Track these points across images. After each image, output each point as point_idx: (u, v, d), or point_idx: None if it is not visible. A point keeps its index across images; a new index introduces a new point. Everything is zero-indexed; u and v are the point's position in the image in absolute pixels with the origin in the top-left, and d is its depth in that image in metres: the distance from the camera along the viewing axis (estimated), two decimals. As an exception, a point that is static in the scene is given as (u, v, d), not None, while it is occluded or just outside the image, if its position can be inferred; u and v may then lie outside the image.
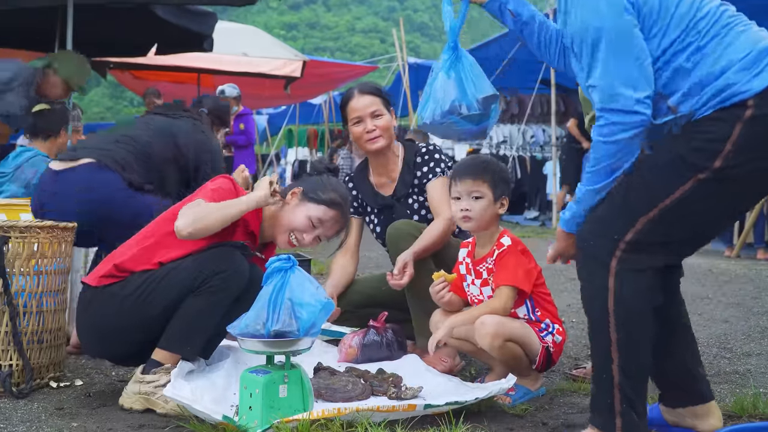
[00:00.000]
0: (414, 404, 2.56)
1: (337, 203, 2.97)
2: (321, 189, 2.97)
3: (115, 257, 2.82)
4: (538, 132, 13.77)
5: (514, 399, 2.78)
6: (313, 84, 12.95)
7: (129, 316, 2.71)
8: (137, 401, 2.70)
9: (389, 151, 3.52)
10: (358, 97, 3.46)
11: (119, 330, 2.73)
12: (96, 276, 2.79)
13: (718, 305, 5.07)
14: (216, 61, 9.64)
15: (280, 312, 2.47)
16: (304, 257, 4.58)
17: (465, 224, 2.96)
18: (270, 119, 21.00)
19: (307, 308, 2.48)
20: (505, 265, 2.88)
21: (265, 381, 2.43)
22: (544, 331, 2.91)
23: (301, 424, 2.40)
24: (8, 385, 2.85)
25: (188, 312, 2.70)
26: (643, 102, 2.15)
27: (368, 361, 3.18)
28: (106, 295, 2.73)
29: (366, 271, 6.75)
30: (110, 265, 2.78)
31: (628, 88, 2.14)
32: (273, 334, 2.47)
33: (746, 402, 2.69)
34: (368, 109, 3.43)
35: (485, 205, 2.91)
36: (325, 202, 2.95)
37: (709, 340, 3.95)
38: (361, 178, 3.64)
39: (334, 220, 2.98)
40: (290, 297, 2.48)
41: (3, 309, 2.93)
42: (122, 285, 2.73)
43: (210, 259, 2.73)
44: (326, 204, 2.95)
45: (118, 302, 2.71)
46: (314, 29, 55.20)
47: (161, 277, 2.72)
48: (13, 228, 2.95)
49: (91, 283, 2.78)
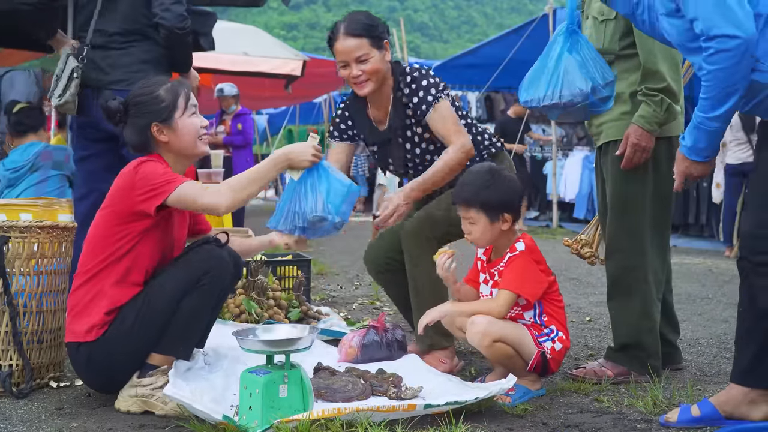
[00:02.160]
0: (414, 404, 2.56)
1: (168, 88, 2.84)
2: (155, 103, 2.80)
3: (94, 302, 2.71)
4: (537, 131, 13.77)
5: (513, 399, 2.78)
6: (313, 84, 12.93)
7: (135, 344, 2.70)
8: (134, 404, 2.69)
9: (383, 87, 3.30)
10: (342, 39, 3.19)
11: (129, 361, 2.73)
12: (86, 330, 2.69)
13: (718, 305, 5.07)
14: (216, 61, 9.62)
15: (315, 200, 2.80)
16: (304, 257, 4.57)
17: (473, 245, 3.00)
18: (270, 119, 20.98)
19: (338, 193, 2.83)
20: (512, 270, 2.87)
21: (265, 381, 2.43)
22: (545, 336, 2.90)
23: (301, 424, 2.40)
24: (8, 385, 2.85)
25: (183, 314, 2.71)
26: (742, 25, 2.26)
27: (368, 361, 3.18)
28: (107, 341, 2.69)
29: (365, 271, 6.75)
30: (99, 314, 2.68)
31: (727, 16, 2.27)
32: (312, 220, 2.80)
33: (746, 402, 2.69)
34: (353, 54, 3.18)
35: (482, 228, 2.90)
36: (174, 107, 2.82)
37: (709, 340, 3.95)
38: (359, 109, 3.43)
39: (188, 94, 2.88)
40: (321, 185, 2.81)
41: (3, 309, 2.93)
42: (118, 324, 2.69)
43: (194, 262, 2.75)
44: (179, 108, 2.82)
45: (122, 339, 2.68)
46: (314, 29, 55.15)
47: (153, 296, 2.70)
48: (13, 228, 2.95)
49: (87, 340, 2.69)
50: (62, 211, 3.56)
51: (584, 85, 2.80)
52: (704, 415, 2.51)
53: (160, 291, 2.71)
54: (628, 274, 3.13)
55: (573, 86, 2.81)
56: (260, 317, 3.82)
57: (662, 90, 3.01)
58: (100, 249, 2.73)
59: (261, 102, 15.52)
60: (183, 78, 3.51)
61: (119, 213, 2.73)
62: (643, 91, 3.03)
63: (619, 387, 3.02)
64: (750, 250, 2.42)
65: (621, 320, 3.18)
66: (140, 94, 2.85)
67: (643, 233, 3.12)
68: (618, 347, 3.17)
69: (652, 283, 3.12)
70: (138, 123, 2.83)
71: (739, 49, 2.28)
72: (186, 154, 2.88)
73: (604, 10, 3.10)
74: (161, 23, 3.40)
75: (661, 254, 3.19)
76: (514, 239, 2.93)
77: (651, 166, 3.10)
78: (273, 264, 4.30)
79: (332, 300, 5.16)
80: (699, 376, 3.23)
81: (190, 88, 2.95)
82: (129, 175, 2.73)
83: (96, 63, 3.47)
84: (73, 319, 2.74)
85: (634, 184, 3.11)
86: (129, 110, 2.84)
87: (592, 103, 2.84)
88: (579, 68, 2.82)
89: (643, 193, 3.11)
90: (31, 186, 4.43)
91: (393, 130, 3.35)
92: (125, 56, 3.48)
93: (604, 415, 2.67)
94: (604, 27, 3.14)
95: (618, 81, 3.09)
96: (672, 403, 2.77)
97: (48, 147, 4.50)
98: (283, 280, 4.30)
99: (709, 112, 2.39)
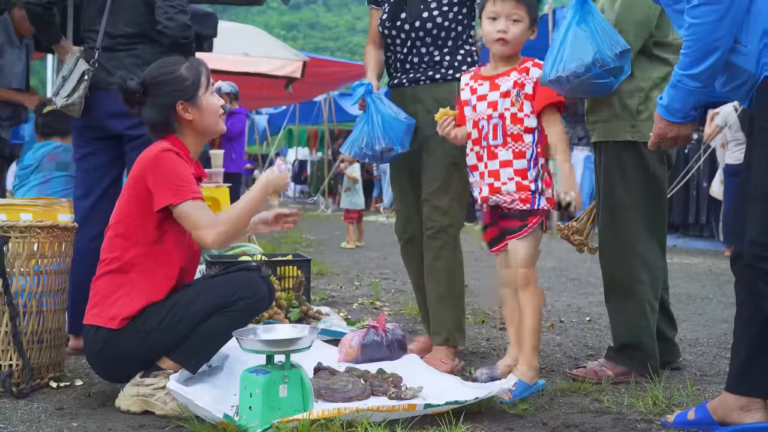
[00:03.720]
0: (414, 404, 2.56)
1: (189, 67, 2.88)
2: (179, 82, 2.83)
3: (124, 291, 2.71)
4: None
5: (514, 395, 2.79)
6: (313, 84, 12.93)
7: (152, 345, 2.70)
8: (134, 403, 2.69)
9: None
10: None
11: (140, 359, 2.73)
12: (111, 317, 2.70)
13: (718, 305, 5.07)
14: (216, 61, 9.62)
15: (381, 134, 3.18)
16: (304, 257, 4.58)
17: (497, 46, 2.91)
18: (270, 119, 20.97)
19: (399, 127, 3.21)
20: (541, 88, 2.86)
21: (265, 381, 2.43)
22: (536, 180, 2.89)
23: (301, 424, 2.40)
24: (8, 385, 2.85)
25: (206, 331, 2.71)
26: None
27: (368, 361, 3.18)
28: (127, 334, 2.68)
29: (366, 271, 6.76)
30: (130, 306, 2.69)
31: None
32: (381, 150, 3.20)
33: (746, 402, 2.69)
34: None
35: (521, 30, 2.89)
36: (198, 85, 2.85)
37: (709, 340, 3.95)
38: None
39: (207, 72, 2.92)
40: (385, 122, 3.19)
41: (3, 309, 2.93)
42: (141, 321, 2.69)
43: (237, 284, 2.77)
44: (202, 86, 2.86)
45: (140, 337, 2.68)
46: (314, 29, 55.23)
47: (183, 306, 2.71)
48: (13, 228, 2.95)
49: (108, 326, 2.69)
50: (62, 211, 3.56)
51: (586, 56, 2.72)
52: (698, 419, 2.49)
53: (190, 303, 2.71)
54: (623, 274, 3.14)
55: (575, 58, 2.74)
56: (260, 317, 3.82)
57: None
58: (123, 236, 2.74)
59: (260, 102, 15.51)
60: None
61: (140, 198, 2.73)
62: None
63: (619, 387, 3.02)
64: (757, 258, 2.32)
65: (619, 320, 3.18)
66: (161, 74, 2.86)
67: (635, 234, 3.12)
68: (618, 347, 3.17)
69: (648, 283, 3.13)
70: (161, 102, 2.83)
71: (723, 3, 2.26)
72: (208, 131, 2.90)
73: (605, 8, 3.10)
74: (165, 32, 3.41)
75: (659, 254, 3.19)
76: (519, 60, 2.95)
77: (641, 172, 3.10)
78: (273, 264, 4.30)
79: (332, 300, 5.16)
80: (699, 376, 3.23)
81: (207, 65, 2.97)
82: (148, 161, 2.74)
83: (102, 64, 3.48)
84: (98, 303, 2.74)
85: (625, 186, 3.11)
86: (149, 90, 2.84)
87: (596, 75, 2.73)
88: (585, 40, 2.74)
89: (634, 194, 3.11)
90: (33, 186, 4.43)
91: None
92: (130, 57, 3.49)
93: (604, 415, 2.67)
94: None
95: None
96: (672, 403, 2.77)
97: (58, 148, 4.49)
98: (283, 280, 4.30)
99: (689, 68, 2.37)
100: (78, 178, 3.72)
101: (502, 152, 2.90)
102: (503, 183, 2.90)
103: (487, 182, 2.93)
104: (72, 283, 3.23)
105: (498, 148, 2.91)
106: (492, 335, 4.03)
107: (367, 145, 3.23)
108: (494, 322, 4.34)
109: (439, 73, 3.31)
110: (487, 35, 2.92)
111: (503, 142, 2.90)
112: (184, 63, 2.89)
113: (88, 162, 3.61)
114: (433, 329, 3.33)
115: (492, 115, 2.92)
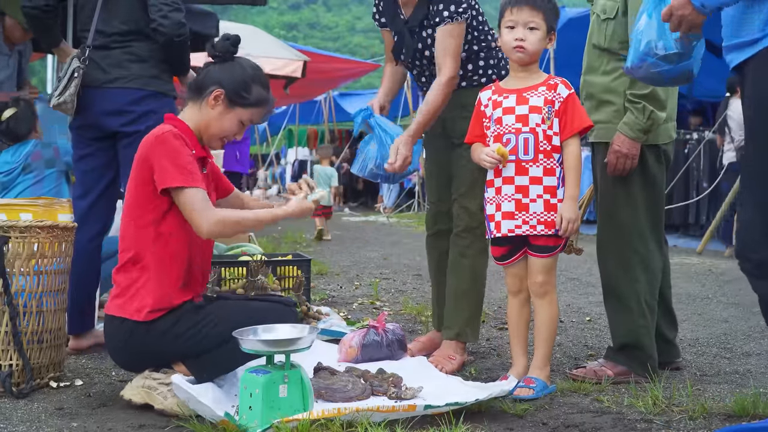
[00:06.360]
0: (414, 404, 2.56)
1: (263, 99, 2.89)
2: (244, 89, 2.84)
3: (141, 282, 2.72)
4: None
5: (536, 391, 2.82)
6: (313, 83, 12.93)
7: (174, 350, 2.72)
8: (137, 394, 2.70)
9: None
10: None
11: (159, 357, 2.75)
12: (137, 309, 2.70)
13: (718, 305, 5.07)
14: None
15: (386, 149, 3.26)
16: (304, 257, 4.57)
17: (516, 55, 2.90)
18: (270, 119, 20.94)
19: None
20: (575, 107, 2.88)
21: (265, 381, 2.43)
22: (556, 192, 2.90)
23: (301, 424, 2.40)
24: (8, 385, 2.85)
25: (226, 352, 2.70)
26: None
27: (368, 361, 3.18)
28: (154, 330, 2.69)
29: (366, 271, 6.76)
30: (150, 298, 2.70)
31: None
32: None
33: (746, 402, 2.69)
34: None
35: (540, 37, 2.88)
36: (253, 103, 2.87)
37: (709, 340, 3.95)
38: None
39: (262, 112, 2.93)
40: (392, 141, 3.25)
41: (3, 309, 2.93)
42: (171, 323, 2.70)
43: (265, 315, 2.77)
44: (254, 105, 2.88)
45: (166, 338, 2.70)
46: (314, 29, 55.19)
47: (214, 322, 2.73)
48: (13, 228, 2.95)
49: (135, 318, 2.69)
50: (62, 210, 3.56)
51: (641, 46, 2.58)
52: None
53: (222, 322, 2.72)
54: (621, 274, 3.14)
55: (635, 48, 2.60)
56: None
57: (645, 96, 2.99)
58: (134, 221, 2.75)
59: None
60: (183, 79, 3.54)
61: (145, 180, 2.73)
62: (628, 97, 3.02)
63: (619, 387, 3.02)
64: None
65: (618, 320, 3.18)
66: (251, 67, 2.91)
67: (632, 235, 3.12)
68: (617, 347, 3.18)
69: (646, 283, 3.13)
70: (215, 77, 2.84)
71: None
72: (205, 133, 2.87)
73: (607, 8, 3.10)
74: (159, 30, 3.40)
75: (657, 254, 3.18)
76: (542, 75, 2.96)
77: (639, 172, 3.10)
78: (273, 264, 4.30)
79: (332, 300, 5.15)
80: (699, 376, 3.23)
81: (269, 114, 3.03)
82: (152, 142, 2.73)
83: (97, 63, 3.48)
84: (120, 293, 2.75)
85: (622, 189, 3.12)
86: (226, 61, 2.88)
87: (652, 64, 2.56)
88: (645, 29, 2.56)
89: (631, 197, 3.12)
90: (27, 188, 4.41)
91: (411, 23, 3.37)
92: (125, 54, 3.49)
93: (604, 415, 2.67)
94: (605, 26, 3.14)
95: (615, 81, 3.10)
96: (672, 403, 2.77)
97: (38, 146, 4.48)
98: (283, 280, 4.29)
99: None
100: (77, 178, 3.72)
101: (533, 168, 2.88)
102: (532, 200, 2.88)
103: (515, 197, 2.90)
104: (71, 283, 3.23)
105: (529, 164, 2.88)
106: (492, 335, 4.03)
107: (378, 167, 3.32)
108: (494, 322, 4.35)
109: (464, 80, 3.36)
110: (505, 44, 2.93)
111: (534, 157, 2.88)
112: (265, 87, 2.91)
113: (86, 163, 3.60)
114: (446, 324, 3.35)
115: (521, 129, 2.90)
